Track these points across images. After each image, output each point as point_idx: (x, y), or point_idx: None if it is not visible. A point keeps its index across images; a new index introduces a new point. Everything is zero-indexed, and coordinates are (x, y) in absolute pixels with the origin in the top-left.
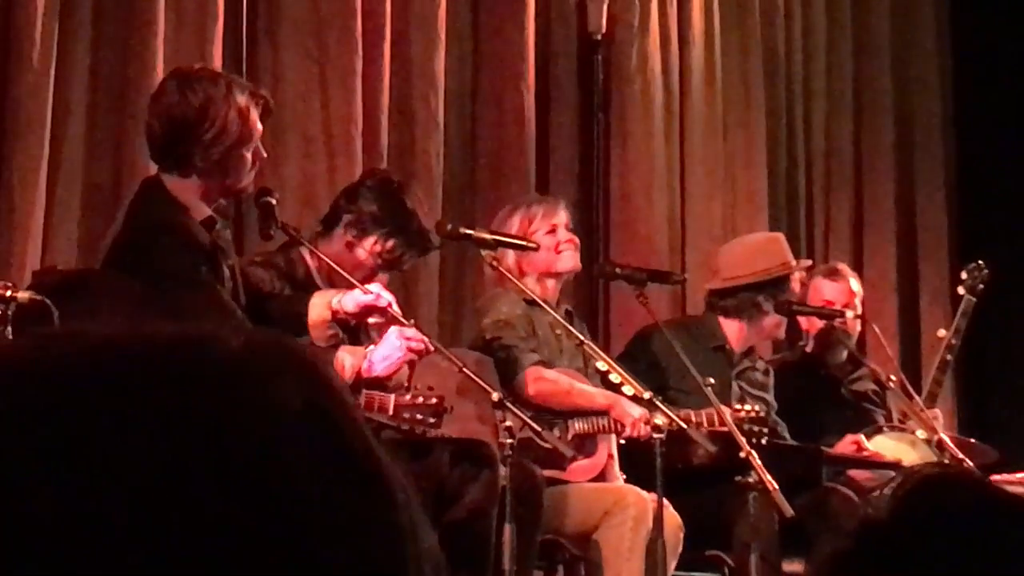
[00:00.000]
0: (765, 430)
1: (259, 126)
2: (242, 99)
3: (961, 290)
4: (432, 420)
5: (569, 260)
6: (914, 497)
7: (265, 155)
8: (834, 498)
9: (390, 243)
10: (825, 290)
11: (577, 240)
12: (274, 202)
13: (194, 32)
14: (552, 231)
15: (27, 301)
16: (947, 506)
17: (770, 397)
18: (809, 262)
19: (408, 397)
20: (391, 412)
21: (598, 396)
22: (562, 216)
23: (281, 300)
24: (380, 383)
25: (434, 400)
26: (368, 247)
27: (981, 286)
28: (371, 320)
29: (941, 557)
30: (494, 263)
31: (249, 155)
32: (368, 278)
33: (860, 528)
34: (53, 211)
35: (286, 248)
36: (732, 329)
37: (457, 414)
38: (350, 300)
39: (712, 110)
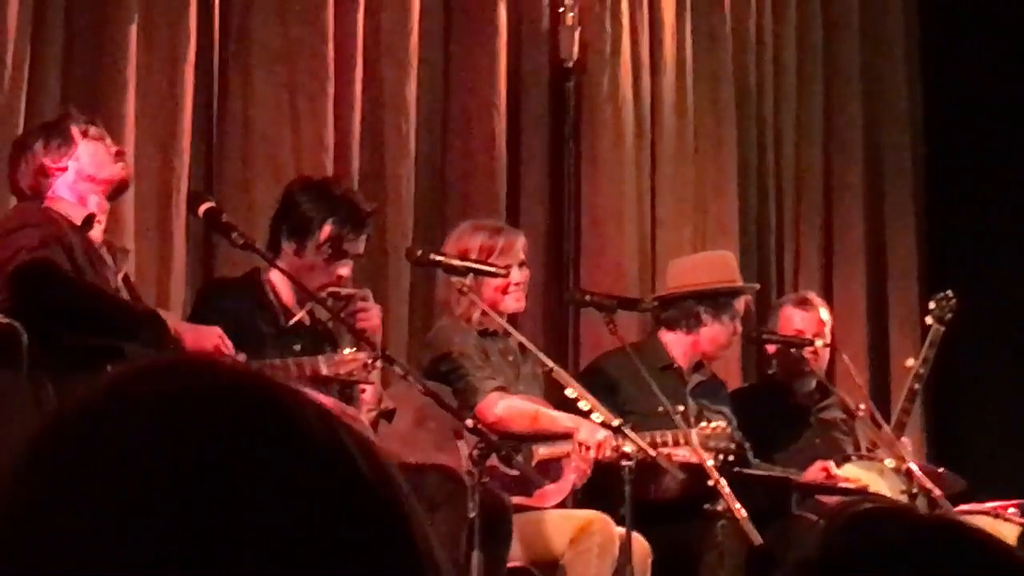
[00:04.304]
0: (732, 445)
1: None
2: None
3: (929, 320)
4: (365, 373)
5: (513, 303)
6: (843, 533)
7: (121, 148)
8: (802, 526)
9: (326, 230)
10: (795, 319)
11: (527, 277)
12: (214, 204)
13: (165, 57)
14: (505, 269)
15: None
16: (877, 540)
17: (728, 411)
18: (758, 286)
19: (336, 357)
20: (324, 372)
21: (562, 419)
22: (519, 253)
23: None
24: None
25: (362, 354)
26: (311, 247)
27: (949, 315)
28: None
29: None
30: (464, 289)
31: (101, 144)
32: (327, 284)
33: (791, 570)
34: None
35: (253, 272)
36: (674, 343)
37: (419, 441)
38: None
39: (683, 138)
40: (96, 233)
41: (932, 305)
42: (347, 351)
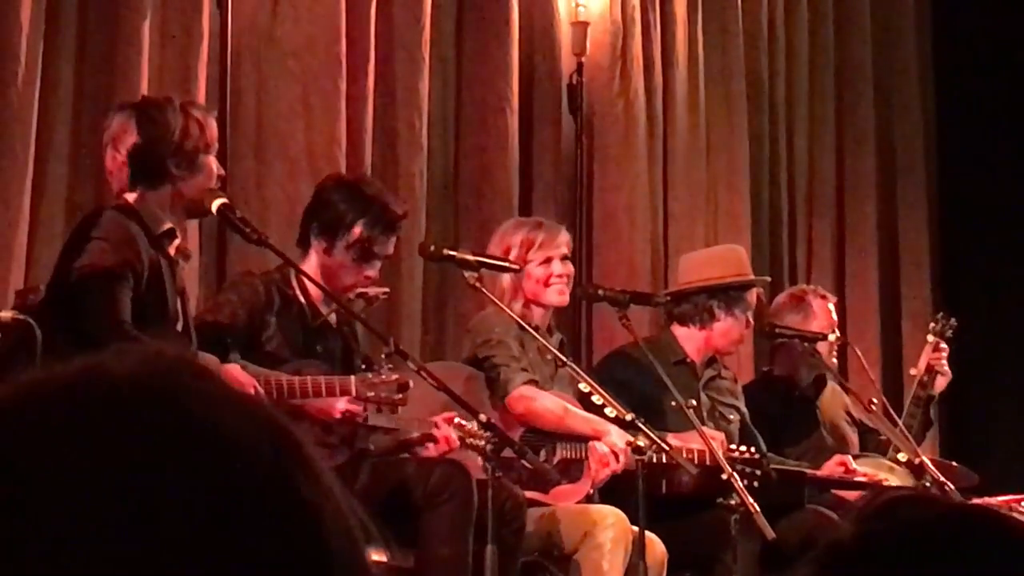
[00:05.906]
0: (759, 471)
1: (215, 133)
2: (198, 112)
3: (930, 337)
4: (398, 396)
5: (556, 295)
6: (877, 519)
7: (223, 173)
8: (816, 520)
9: (356, 231)
10: (824, 312)
11: (571, 272)
12: (227, 200)
13: (178, 51)
14: (547, 262)
15: (10, 321)
16: (910, 526)
17: (741, 405)
18: (768, 279)
19: (370, 375)
20: (354, 393)
21: (589, 422)
22: (561, 247)
23: None
24: None
25: (396, 376)
26: (341, 246)
27: (950, 333)
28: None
29: None
30: (476, 284)
31: (212, 162)
32: (355, 284)
33: (824, 552)
34: (37, 231)
35: (283, 267)
36: (688, 339)
37: None
38: None
39: (695, 133)
40: (171, 248)
41: (932, 324)
42: (383, 372)
